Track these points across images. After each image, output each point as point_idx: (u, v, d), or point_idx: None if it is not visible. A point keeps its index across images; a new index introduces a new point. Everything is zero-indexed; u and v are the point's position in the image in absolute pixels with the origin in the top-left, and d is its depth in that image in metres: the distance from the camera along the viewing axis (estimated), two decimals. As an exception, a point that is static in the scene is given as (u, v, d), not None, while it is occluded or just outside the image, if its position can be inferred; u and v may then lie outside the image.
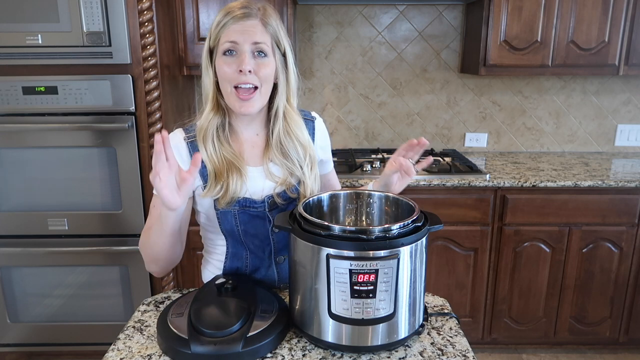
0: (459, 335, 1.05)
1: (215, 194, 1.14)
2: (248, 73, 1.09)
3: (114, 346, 1.02)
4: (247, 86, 1.10)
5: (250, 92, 1.11)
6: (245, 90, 1.10)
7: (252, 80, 1.10)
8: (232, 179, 1.14)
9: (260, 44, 1.10)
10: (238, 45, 1.09)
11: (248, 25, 1.09)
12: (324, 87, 2.86)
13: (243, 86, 1.10)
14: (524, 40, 2.41)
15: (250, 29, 1.09)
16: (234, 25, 1.09)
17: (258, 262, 1.24)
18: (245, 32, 1.09)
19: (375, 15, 2.75)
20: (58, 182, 2.16)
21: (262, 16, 1.11)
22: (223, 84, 1.12)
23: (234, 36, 1.08)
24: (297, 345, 1.01)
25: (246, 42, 1.09)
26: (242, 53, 1.09)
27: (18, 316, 2.33)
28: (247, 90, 1.10)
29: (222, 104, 1.17)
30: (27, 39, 1.98)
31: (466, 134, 2.93)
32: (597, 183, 2.26)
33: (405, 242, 0.92)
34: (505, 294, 2.42)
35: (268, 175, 1.20)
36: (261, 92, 1.13)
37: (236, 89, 1.10)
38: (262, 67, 1.11)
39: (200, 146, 1.15)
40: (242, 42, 1.09)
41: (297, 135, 1.20)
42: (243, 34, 1.08)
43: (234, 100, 1.12)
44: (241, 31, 1.08)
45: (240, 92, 1.10)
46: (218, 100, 1.17)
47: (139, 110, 2.09)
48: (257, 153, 1.22)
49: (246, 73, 1.08)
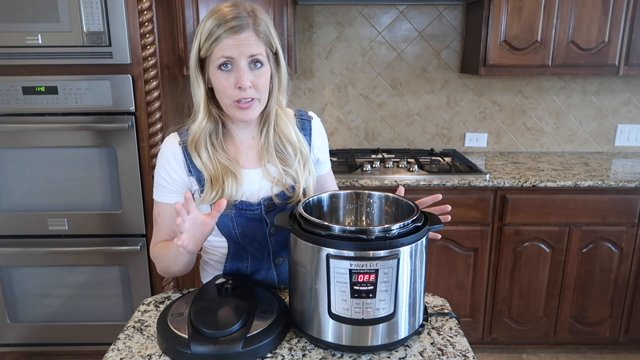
0: (459, 335, 1.05)
1: (211, 199, 1.14)
2: (248, 88, 1.08)
3: (114, 346, 1.02)
4: (247, 100, 1.10)
5: (250, 102, 1.11)
6: (245, 103, 1.10)
7: (251, 94, 1.09)
8: (227, 184, 1.14)
9: (256, 55, 1.07)
10: (234, 60, 1.06)
11: (242, 39, 1.05)
12: (324, 87, 2.86)
13: (243, 102, 1.09)
14: (524, 40, 2.41)
15: (245, 43, 1.05)
16: (228, 40, 1.05)
17: (257, 264, 1.24)
18: (240, 47, 1.05)
19: (375, 15, 2.75)
20: (58, 182, 2.16)
21: (253, 24, 1.07)
22: (221, 97, 1.11)
23: (228, 51, 1.05)
24: (297, 345, 1.01)
25: (242, 57, 1.06)
26: (239, 68, 1.06)
27: (18, 316, 2.33)
28: (247, 102, 1.10)
29: (214, 112, 1.16)
30: (27, 39, 1.98)
31: (466, 134, 2.93)
32: (597, 183, 2.26)
33: (405, 242, 0.92)
34: (505, 294, 2.42)
35: (266, 177, 1.20)
36: (260, 101, 1.13)
37: (236, 101, 1.10)
38: (259, 78, 1.09)
39: (193, 155, 1.15)
40: (238, 57, 1.06)
41: (286, 135, 1.20)
42: (238, 48, 1.05)
43: (234, 110, 1.11)
44: (236, 45, 1.05)
45: (240, 103, 1.10)
46: (210, 108, 1.15)
47: (139, 110, 2.09)
48: (254, 155, 1.22)
49: (246, 89, 1.07)
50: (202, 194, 1.16)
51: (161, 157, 1.18)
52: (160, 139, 2.13)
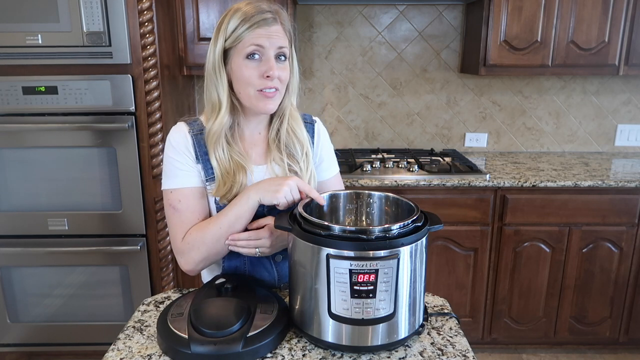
0: (459, 335, 1.05)
1: (222, 193, 1.15)
2: (276, 77, 1.11)
3: (114, 346, 1.02)
4: (272, 90, 1.12)
5: (275, 92, 1.14)
6: (270, 92, 1.13)
7: (276, 84, 1.12)
8: (238, 178, 1.15)
9: (284, 48, 1.13)
10: (264, 49, 1.10)
11: (273, 31, 1.10)
12: (324, 87, 2.86)
13: (267, 90, 1.12)
14: (524, 40, 2.41)
15: (275, 34, 1.11)
16: (260, 30, 1.09)
17: (256, 261, 1.24)
18: (271, 37, 1.10)
19: (375, 15, 2.75)
20: (58, 182, 2.16)
21: (280, 19, 1.13)
22: (245, 87, 1.13)
23: (260, 40, 1.09)
24: (297, 345, 1.01)
25: (272, 47, 1.10)
26: (268, 58, 1.10)
27: (18, 316, 2.33)
28: (272, 92, 1.13)
29: (237, 105, 1.18)
30: (27, 39, 1.98)
31: (466, 134, 2.93)
32: (597, 183, 2.26)
33: (405, 242, 0.92)
34: (505, 294, 2.42)
35: (271, 174, 1.20)
36: (281, 93, 1.16)
37: (259, 91, 1.12)
38: (283, 71, 1.13)
39: (210, 150, 1.16)
40: (268, 47, 1.10)
41: (296, 132, 1.23)
42: (270, 39, 1.10)
43: (257, 101, 1.13)
44: (267, 35, 1.09)
45: (265, 92, 1.12)
46: (232, 101, 1.17)
47: (139, 110, 2.09)
48: (259, 152, 1.23)
49: (274, 78, 1.11)
50: (207, 183, 1.17)
51: (171, 143, 1.18)
52: (161, 139, 2.13)
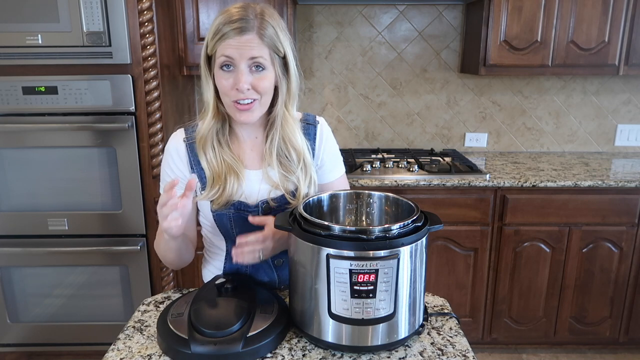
0: (459, 335, 1.05)
1: (211, 196, 1.15)
2: (246, 90, 1.07)
3: (114, 346, 1.02)
4: (246, 101, 1.09)
5: (250, 104, 1.10)
6: (244, 104, 1.10)
7: (250, 95, 1.09)
8: (229, 182, 1.15)
9: (257, 58, 1.07)
10: (234, 61, 1.06)
11: (244, 41, 1.05)
12: (324, 87, 2.86)
13: (241, 102, 1.09)
14: (524, 40, 2.41)
15: (246, 45, 1.05)
16: (230, 40, 1.05)
17: (257, 265, 1.24)
18: (241, 48, 1.05)
19: (375, 15, 2.75)
20: (58, 182, 2.16)
21: (258, 27, 1.06)
22: (223, 96, 1.12)
23: (229, 51, 1.05)
24: (297, 345, 1.01)
25: (242, 58, 1.06)
26: (238, 70, 1.06)
27: (18, 316, 2.33)
28: (246, 104, 1.10)
29: (222, 110, 1.17)
30: (27, 39, 1.98)
31: (466, 134, 2.93)
32: (597, 183, 2.26)
33: (405, 242, 0.92)
34: (505, 294, 2.42)
35: (266, 179, 1.19)
36: (261, 103, 1.12)
37: (235, 102, 1.10)
38: (260, 81, 1.09)
39: (199, 153, 1.16)
40: (237, 58, 1.06)
41: (292, 141, 1.19)
42: (239, 49, 1.05)
43: (233, 111, 1.12)
44: (237, 47, 1.05)
45: (238, 105, 1.10)
46: (218, 106, 1.16)
47: (139, 110, 2.09)
48: (255, 156, 1.22)
49: (244, 91, 1.07)
50: (202, 191, 1.16)
51: (166, 154, 1.21)
52: (161, 139, 2.13)
